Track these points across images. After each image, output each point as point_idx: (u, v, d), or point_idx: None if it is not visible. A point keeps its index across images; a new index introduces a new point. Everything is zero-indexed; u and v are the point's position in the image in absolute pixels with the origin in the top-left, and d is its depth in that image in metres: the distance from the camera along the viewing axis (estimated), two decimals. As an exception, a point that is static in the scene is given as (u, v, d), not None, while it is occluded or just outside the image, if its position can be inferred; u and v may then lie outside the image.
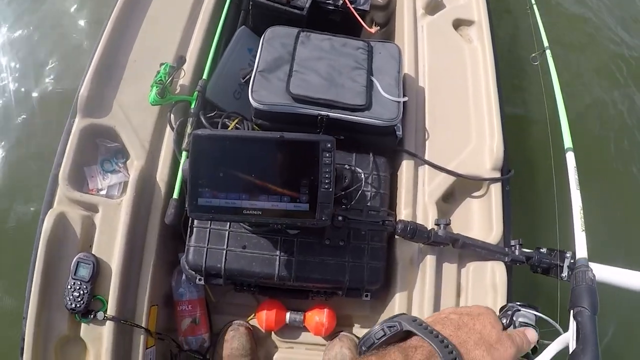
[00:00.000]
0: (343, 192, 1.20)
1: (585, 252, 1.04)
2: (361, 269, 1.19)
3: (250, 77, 1.25)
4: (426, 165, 1.31)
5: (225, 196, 0.98)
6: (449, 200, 1.34)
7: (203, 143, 0.98)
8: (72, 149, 1.25)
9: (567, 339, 0.75)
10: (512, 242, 1.23)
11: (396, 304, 1.22)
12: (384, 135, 1.26)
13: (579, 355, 0.73)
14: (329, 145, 0.99)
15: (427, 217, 1.26)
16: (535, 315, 0.65)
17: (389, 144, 1.29)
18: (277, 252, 1.18)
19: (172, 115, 1.33)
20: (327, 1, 1.45)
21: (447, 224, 1.18)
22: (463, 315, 0.57)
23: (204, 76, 1.36)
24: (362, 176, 1.24)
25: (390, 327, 0.54)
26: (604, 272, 1.03)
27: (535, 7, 1.83)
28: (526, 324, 0.64)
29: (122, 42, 1.41)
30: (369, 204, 1.24)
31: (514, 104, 2.32)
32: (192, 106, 1.31)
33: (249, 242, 1.19)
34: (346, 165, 1.25)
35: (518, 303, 0.67)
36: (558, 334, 0.76)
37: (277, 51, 1.28)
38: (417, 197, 1.29)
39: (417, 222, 1.22)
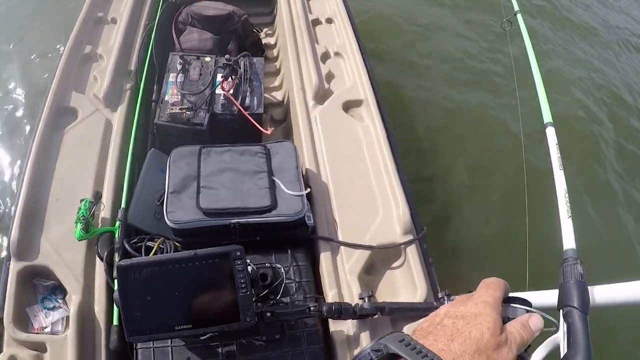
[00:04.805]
0: (267, 290, 1.28)
1: (574, 243, 0.91)
2: (302, 356, 1.25)
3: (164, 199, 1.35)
4: (342, 246, 1.41)
5: (157, 317, 1.06)
6: (372, 271, 1.42)
7: (127, 273, 1.05)
8: (12, 292, 1.29)
9: (558, 340, 0.68)
10: (440, 295, 1.27)
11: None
12: (296, 227, 1.36)
13: None
14: (239, 253, 1.08)
15: (353, 293, 1.33)
16: (526, 311, 0.60)
17: (303, 234, 1.38)
18: (220, 359, 1.24)
19: (99, 247, 1.39)
20: (224, 112, 1.57)
21: (371, 296, 1.26)
22: (458, 319, 0.54)
23: (123, 205, 1.44)
24: (282, 270, 1.32)
25: (377, 350, 0.51)
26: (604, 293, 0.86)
27: None
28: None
29: (43, 184, 1.49)
30: (294, 295, 1.32)
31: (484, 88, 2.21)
32: (116, 236, 1.38)
33: (192, 353, 1.24)
34: (266, 264, 1.33)
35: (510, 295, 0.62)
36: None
37: (184, 171, 1.38)
38: (339, 277, 1.37)
39: (344, 299, 1.30)
